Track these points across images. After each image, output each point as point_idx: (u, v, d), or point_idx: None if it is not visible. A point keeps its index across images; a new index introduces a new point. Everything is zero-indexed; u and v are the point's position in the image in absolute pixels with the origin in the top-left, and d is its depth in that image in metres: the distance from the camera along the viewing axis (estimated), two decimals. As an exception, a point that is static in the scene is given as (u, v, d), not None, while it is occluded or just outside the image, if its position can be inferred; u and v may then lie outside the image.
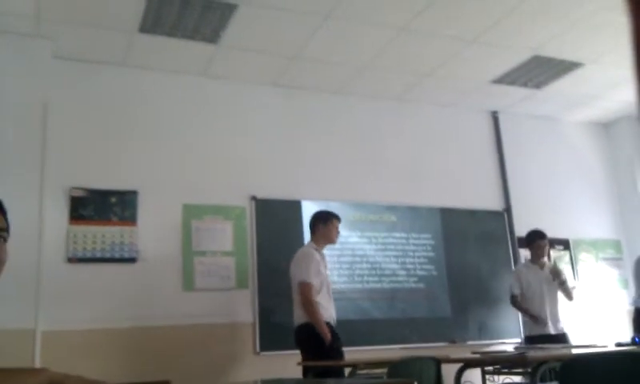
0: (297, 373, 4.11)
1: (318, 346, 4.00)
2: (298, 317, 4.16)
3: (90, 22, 4.56)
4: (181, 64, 5.27)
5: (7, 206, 3.69)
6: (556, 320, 5.33)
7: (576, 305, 5.59)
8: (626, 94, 6.34)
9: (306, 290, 4.08)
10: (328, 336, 4.04)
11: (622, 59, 5.52)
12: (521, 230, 6.09)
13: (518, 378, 4.34)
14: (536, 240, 5.53)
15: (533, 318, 5.31)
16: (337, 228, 4.48)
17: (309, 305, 4.07)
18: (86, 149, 4.92)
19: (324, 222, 4.44)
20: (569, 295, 5.37)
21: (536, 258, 5.52)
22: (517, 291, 5.45)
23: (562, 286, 5.34)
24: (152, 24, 4.62)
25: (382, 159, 5.97)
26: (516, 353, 4.13)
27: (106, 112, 5.09)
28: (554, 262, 5.47)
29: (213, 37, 4.84)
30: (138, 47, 4.95)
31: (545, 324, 5.27)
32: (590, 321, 6.16)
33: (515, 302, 5.50)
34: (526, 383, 4.04)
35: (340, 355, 4.09)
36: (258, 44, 5.00)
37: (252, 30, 4.78)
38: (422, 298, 5.73)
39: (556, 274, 5.34)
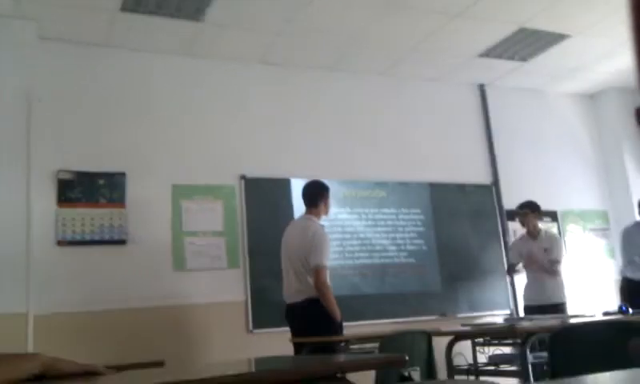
0: (291, 350, 4.14)
1: (329, 321, 3.99)
2: (305, 291, 4.07)
3: (71, 1, 4.48)
4: (165, 43, 5.21)
5: (-6, 190, 3.61)
6: (549, 290, 5.37)
7: (565, 275, 5.64)
8: (612, 64, 6.37)
9: (323, 274, 4.02)
10: (339, 315, 4.04)
11: (607, 30, 5.53)
12: (509, 203, 6.14)
13: (507, 349, 4.41)
14: (517, 212, 5.66)
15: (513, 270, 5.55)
16: (330, 201, 4.46)
17: (326, 289, 4.01)
18: (72, 131, 4.88)
19: (326, 194, 4.35)
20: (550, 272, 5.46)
21: (527, 230, 5.58)
22: (514, 260, 5.60)
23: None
24: (134, 2, 4.55)
25: (370, 135, 5.97)
26: (506, 324, 4.19)
27: (91, 93, 5.04)
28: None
29: (197, 14, 4.79)
30: (121, 26, 4.88)
31: (545, 289, 5.36)
32: (579, 291, 6.23)
33: (509, 270, 5.67)
34: (516, 354, 4.10)
35: (342, 331, 4.10)
36: (243, 21, 4.94)
37: (237, 7, 4.72)
38: (412, 272, 5.77)
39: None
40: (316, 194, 4.33)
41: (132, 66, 5.22)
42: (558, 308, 5.25)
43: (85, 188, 4.80)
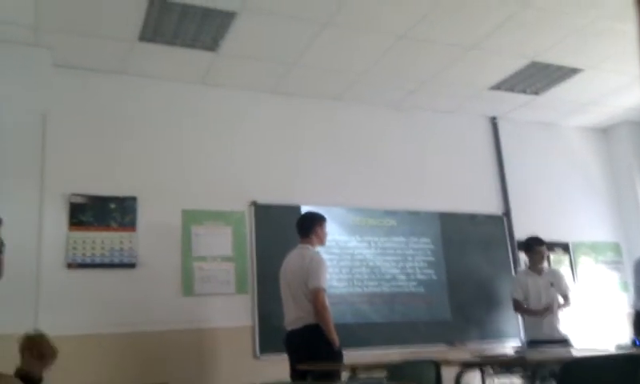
0: (296, 377, 4.11)
1: (329, 348, 4.01)
2: (305, 318, 4.12)
3: (89, 30, 4.58)
4: (180, 72, 5.29)
5: (7, 212, 3.70)
6: (555, 326, 5.33)
7: (576, 308, 5.60)
8: (625, 99, 6.38)
9: (322, 296, 4.09)
10: (337, 342, 4.07)
11: (620, 65, 5.54)
12: (520, 234, 6.10)
13: (517, 380, 4.34)
14: (534, 247, 5.56)
15: (537, 313, 5.34)
16: (326, 230, 4.53)
17: (325, 311, 4.07)
18: (85, 155, 4.93)
19: (320, 224, 4.46)
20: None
21: (534, 264, 5.55)
22: (519, 296, 5.48)
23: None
24: (152, 32, 4.64)
25: (381, 164, 5.99)
26: (515, 355, 4.13)
27: (105, 119, 5.11)
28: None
29: (212, 45, 4.87)
30: (138, 55, 4.97)
31: (548, 325, 5.30)
32: (590, 324, 6.16)
33: (518, 306, 5.54)
34: (526, 385, 4.04)
35: (342, 359, 4.10)
36: (257, 51, 5.02)
37: (251, 38, 4.80)
38: (421, 301, 5.73)
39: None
40: (308, 225, 4.44)
41: (145, 93, 5.29)
42: (564, 343, 5.18)
43: (96, 212, 4.84)
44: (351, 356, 4.28)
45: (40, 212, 4.46)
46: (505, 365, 4.06)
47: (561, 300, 5.45)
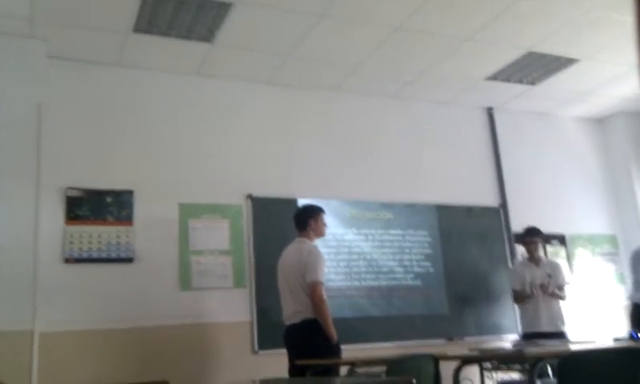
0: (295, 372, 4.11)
1: (326, 342, 4.02)
2: (303, 312, 4.11)
3: (84, 22, 4.54)
4: (176, 63, 5.25)
5: (3, 207, 3.67)
6: (552, 317, 5.35)
7: (573, 301, 5.61)
8: (621, 89, 6.38)
9: (320, 290, 4.09)
10: (335, 336, 4.07)
11: (616, 55, 5.54)
12: (517, 226, 6.12)
13: (515, 375, 4.36)
14: (525, 237, 5.64)
15: (532, 295, 5.36)
16: (324, 221, 4.50)
17: (323, 305, 4.07)
18: (81, 149, 4.90)
19: (314, 218, 4.44)
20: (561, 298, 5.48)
21: (529, 254, 5.57)
22: (518, 288, 5.50)
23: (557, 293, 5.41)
24: (147, 24, 4.60)
25: (377, 157, 5.97)
26: (514, 349, 4.14)
27: (100, 112, 5.07)
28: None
29: (208, 36, 4.83)
30: (133, 47, 4.93)
31: (546, 317, 5.32)
32: (587, 316, 6.18)
33: (518, 297, 5.55)
34: (524, 379, 4.05)
35: (340, 353, 4.11)
36: (252, 43, 4.99)
37: (247, 29, 4.77)
38: (419, 295, 5.74)
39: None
40: (304, 218, 4.43)
41: (141, 84, 5.25)
42: (559, 336, 5.19)
43: (93, 205, 4.81)
44: (349, 351, 4.29)
45: (36, 206, 4.42)
46: (503, 359, 4.07)
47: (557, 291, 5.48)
